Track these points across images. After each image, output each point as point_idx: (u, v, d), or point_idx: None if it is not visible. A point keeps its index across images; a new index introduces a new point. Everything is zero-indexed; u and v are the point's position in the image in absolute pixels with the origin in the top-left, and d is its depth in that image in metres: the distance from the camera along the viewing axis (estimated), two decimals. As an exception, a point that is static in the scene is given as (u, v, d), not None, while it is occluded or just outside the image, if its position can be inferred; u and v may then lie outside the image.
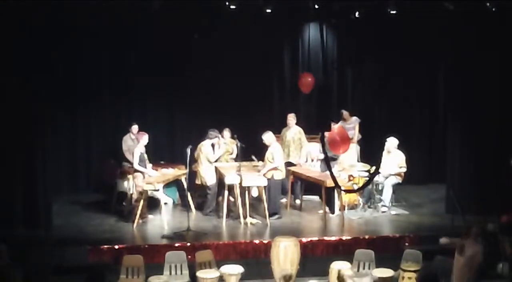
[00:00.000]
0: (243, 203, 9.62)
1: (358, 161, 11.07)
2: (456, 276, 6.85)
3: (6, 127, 9.04)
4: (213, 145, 10.16)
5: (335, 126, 10.69)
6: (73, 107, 11.65)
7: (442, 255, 7.64)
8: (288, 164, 10.72)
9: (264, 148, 10.01)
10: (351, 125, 11.61)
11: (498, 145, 10.01)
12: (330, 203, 10.05)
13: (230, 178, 9.58)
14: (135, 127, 10.53)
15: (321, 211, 10.05)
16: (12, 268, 5.80)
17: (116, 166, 10.66)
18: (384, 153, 10.35)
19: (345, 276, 6.90)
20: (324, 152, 8.42)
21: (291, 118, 11.05)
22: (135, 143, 10.26)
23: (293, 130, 11.04)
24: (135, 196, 9.63)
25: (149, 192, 9.74)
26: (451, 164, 10.34)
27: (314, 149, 10.91)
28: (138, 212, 9.39)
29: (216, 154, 10.14)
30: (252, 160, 10.49)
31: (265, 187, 9.82)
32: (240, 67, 11.75)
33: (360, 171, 10.48)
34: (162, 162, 10.86)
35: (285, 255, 7.78)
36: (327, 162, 8.60)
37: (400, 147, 10.46)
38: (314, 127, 11.14)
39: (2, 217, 8.95)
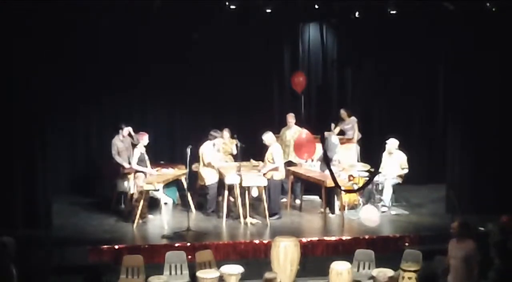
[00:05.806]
0: (243, 203, 9.62)
1: (358, 161, 11.08)
2: (453, 277, 6.79)
3: (6, 127, 9.04)
4: (214, 146, 10.15)
5: (304, 131, 10.67)
6: (73, 107, 11.64)
7: (442, 255, 7.63)
8: (288, 164, 10.73)
9: (264, 147, 10.00)
10: (349, 126, 11.62)
11: (498, 145, 10.02)
12: (330, 203, 10.04)
13: (230, 178, 9.57)
14: (126, 130, 10.41)
15: (321, 211, 10.05)
16: (14, 267, 5.80)
17: (118, 165, 10.66)
18: (385, 154, 10.39)
19: None
20: (324, 152, 8.42)
21: (291, 118, 11.06)
22: (125, 144, 10.29)
23: (293, 130, 11.03)
24: (135, 196, 9.63)
25: (149, 192, 9.74)
26: (451, 164, 10.33)
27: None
28: (138, 212, 9.39)
29: (212, 155, 10.04)
30: (251, 162, 10.50)
31: (265, 187, 9.82)
32: (240, 67, 11.75)
33: (360, 171, 10.48)
34: (162, 162, 10.85)
35: (285, 255, 7.80)
36: (327, 161, 8.59)
37: (400, 147, 10.46)
38: (314, 127, 11.14)
39: (2, 217, 8.93)
